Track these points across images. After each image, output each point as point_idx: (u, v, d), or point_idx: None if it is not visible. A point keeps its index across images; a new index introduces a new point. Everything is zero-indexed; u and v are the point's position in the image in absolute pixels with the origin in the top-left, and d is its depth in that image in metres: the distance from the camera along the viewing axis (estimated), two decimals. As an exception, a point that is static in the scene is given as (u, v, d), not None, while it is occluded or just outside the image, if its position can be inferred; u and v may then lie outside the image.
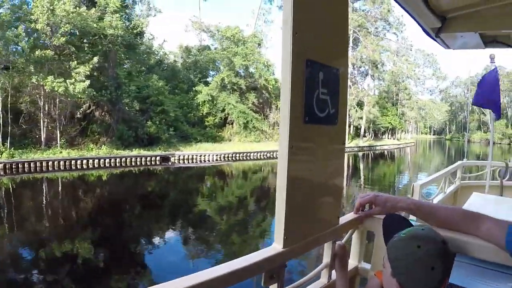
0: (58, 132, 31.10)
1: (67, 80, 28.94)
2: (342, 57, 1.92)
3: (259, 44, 48.82)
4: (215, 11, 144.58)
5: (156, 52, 49.15)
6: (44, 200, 20.42)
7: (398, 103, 73.81)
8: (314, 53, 1.66)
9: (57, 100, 31.00)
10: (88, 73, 30.38)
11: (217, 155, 36.41)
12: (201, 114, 43.91)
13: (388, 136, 74.24)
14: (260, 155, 39.70)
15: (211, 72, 50.36)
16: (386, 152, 59.30)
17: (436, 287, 1.33)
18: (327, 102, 1.77)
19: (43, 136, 30.48)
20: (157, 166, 32.47)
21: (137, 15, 40.24)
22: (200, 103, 43.78)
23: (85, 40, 33.87)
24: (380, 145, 61.78)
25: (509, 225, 1.52)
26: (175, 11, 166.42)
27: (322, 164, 1.87)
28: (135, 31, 37.23)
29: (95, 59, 31.13)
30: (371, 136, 66.22)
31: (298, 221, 1.71)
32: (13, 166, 26.21)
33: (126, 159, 31.73)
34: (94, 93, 31.96)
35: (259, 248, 11.09)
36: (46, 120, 30.92)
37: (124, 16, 37.37)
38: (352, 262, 2.23)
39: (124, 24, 35.19)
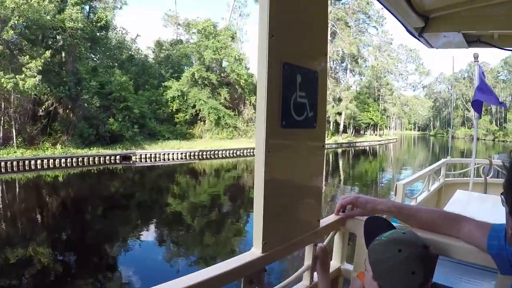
0: (14, 130, 28.94)
1: (17, 76, 26.81)
2: (320, 59, 1.86)
3: (232, 38, 46.12)
4: (193, 5, 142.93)
5: (128, 47, 47.19)
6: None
7: (380, 99, 71.32)
8: (291, 55, 1.62)
9: (12, 97, 28.87)
10: (41, 68, 28.15)
11: (182, 154, 33.98)
12: (170, 111, 41.47)
13: (370, 132, 71.46)
14: (229, 153, 37.29)
15: (186, 68, 47.44)
16: (367, 148, 56.98)
17: None
18: (305, 106, 1.74)
19: (-1, 135, 28.29)
20: (118, 165, 30.17)
21: (102, 8, 37.61)
22: (169, 99, 41.35)
23: (40, 34, 31.39)
24: (360, 142, 59.25)
25: (491, 227, 1.52)
26: (156, 6, 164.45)
27: (300, 167, 1.84)
28: (98, 24, 35.09)
29: (47, 53, 28.98)
30: (352, 132, 63.67)
31: (277, 225, 1.70)
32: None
33: (83, 158, 29.38)
34: (49, 89, 30.18)
35: (234, 248, 11.41)
36: (2, 119, 28.97)
37: (89, 9, 35.86)
38: (334, 263, 2.23)
39: (87, 17, 33.60)
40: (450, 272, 1.75)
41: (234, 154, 37.41)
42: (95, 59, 38.28)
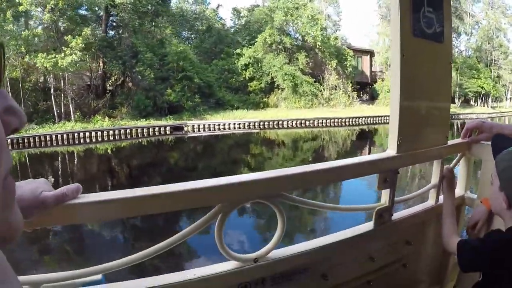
0: (71, 106, 28.06)
1: (57, 55, 26.12)
2: None
3: (310, -4, 39.49)
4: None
5: (208, 17, 43.82)
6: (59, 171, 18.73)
7: (492, 64, 57.27)
8: None
9: (66, 74, 28.43)
10: (83, 45, 27.43)
11: (239, 124, 28.94)
12: (242, 79, 36.26)
13: (482, 103, 57.18)
14: (295, 123, 31.06)
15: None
16: (474, 122, 44.65)
17: None
18: (433, 20, 1.80)
19: (56, 111, 27.90)
20: (169, 136, 26.82)
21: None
22: (240, 67, 36.09)
23: (93, 13, 32.03)
24: (466, 114, 46.88)
25: None
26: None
27: (431, 79, 1.87)
28: None
29: (87, 30, 28.04)
30: (459, 103, 51.52)
31: (410, 130, 1.78)
32: (20, 141, 23.02)
33: (131, 130, 26.16)
34: (103, 64, 30.83)
35: (313, 228, 10.09)
36: (62, 95, 28.59)
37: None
38: (458, 191, 2.21)
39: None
40: None
41: (303, 125, 31.12)
42: (159, 32, 35.12)
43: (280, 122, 30.39)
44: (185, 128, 27.74)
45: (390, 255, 1.94)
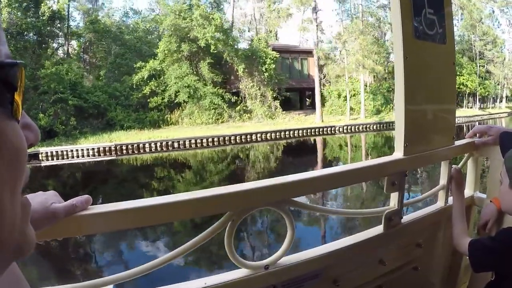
0: None
1: None
2: None
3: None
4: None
5: (140, 30, 45.07)
6: None
7: (477, 57, 51.44)
8: None
9: None
10: None
11: (92, 149, 27.88)
12: (142, 95, 35.77)
13: (472, 104, 52.23)
14: (169, 144, 29.03)
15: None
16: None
17: None
18: (434, 22, 1.96)
19: None
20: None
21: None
22: (137, 82, 35.58)
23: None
24: None
25: None
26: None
27: (435, 80, 2.04)
28: (43, 18, 34.32)
29: None
30: None
31: (416, 132, 1.94)
32: None
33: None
34: None
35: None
36: None
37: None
38: (467, 192, 2.35)
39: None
40: None
41: (165, 148, 28.85)
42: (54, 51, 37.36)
43: (141, 145, 28.50)
44: (40, 156, 27.60)
45: (400, 258, 2.09)
